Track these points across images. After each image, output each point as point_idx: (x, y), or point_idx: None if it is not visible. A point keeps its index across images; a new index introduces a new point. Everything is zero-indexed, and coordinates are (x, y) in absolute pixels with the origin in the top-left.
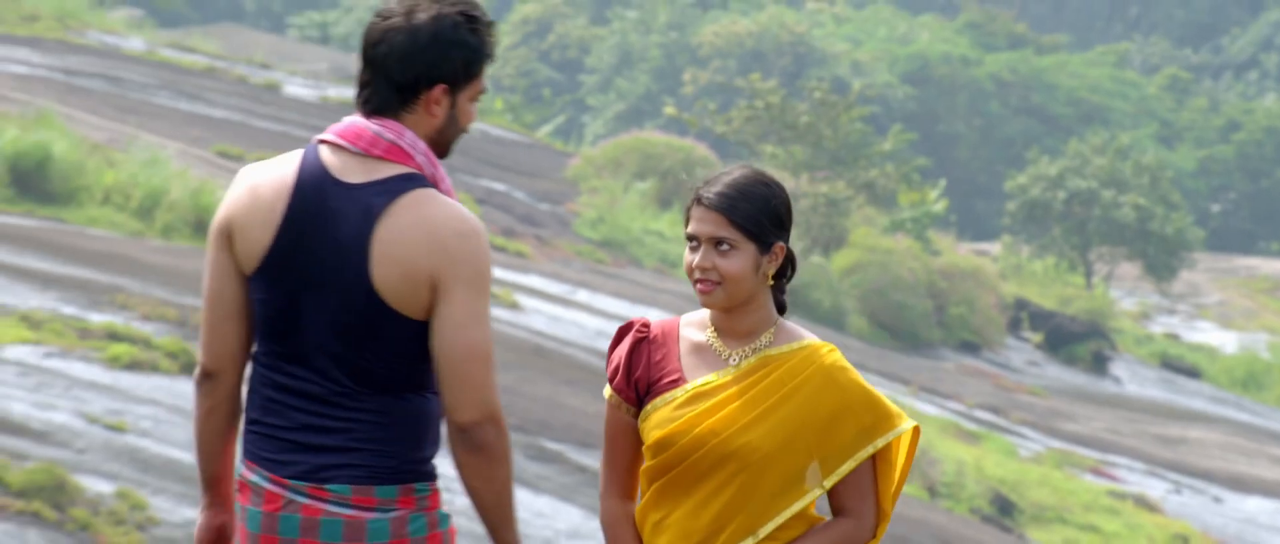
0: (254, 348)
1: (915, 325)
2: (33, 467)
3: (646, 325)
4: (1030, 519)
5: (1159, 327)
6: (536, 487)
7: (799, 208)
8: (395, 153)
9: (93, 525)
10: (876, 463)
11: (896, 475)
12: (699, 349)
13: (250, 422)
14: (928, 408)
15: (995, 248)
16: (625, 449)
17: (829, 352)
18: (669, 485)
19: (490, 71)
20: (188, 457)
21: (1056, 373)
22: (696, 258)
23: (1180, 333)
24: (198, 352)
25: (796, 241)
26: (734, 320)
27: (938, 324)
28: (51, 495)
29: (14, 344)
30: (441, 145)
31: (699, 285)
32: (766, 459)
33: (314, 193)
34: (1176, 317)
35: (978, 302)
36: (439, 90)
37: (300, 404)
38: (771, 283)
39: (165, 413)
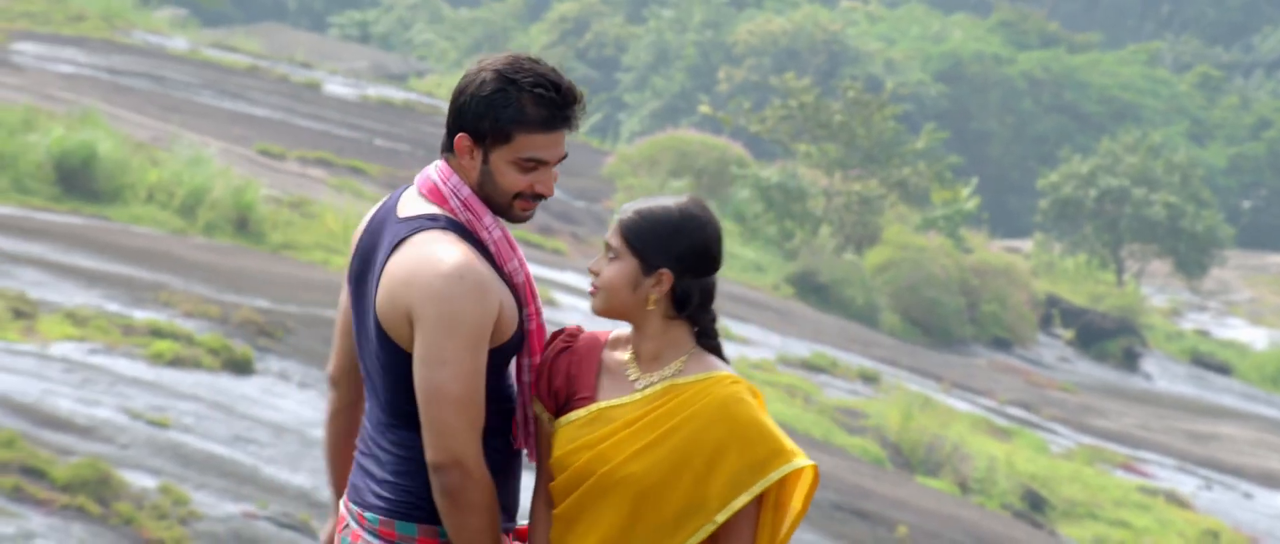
0: None
1: (947, 322)
2: (77, 462)
3: (574, 335)
4: (1061, 515)
5: (1190, 323)
6: None
7: (832, 206)
8: (434, 194)
9: (136, 520)
10: (763, 502)
11: (788, 517)
12: (615, 369)
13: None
14: (960, 404)
15: (1027, 245)
16: (547, 456)
17: (730, 383)
18: (566, 511)
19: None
20: (228, 452)
21: (1088, 369)
22: None
23: (1211, 329)
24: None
25: (830, 239)
26: (639, 342)
27: (970, 321)
28: (96, 490)
29: (59, 341)
30: (491, 202)
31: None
32: (652, 490)
33: (377, 225)
34: (1207, 313)
35: (1009, 298)
36: (461, 138)
37: (364, 430)
38: (654, 308)
39: (207, 409)
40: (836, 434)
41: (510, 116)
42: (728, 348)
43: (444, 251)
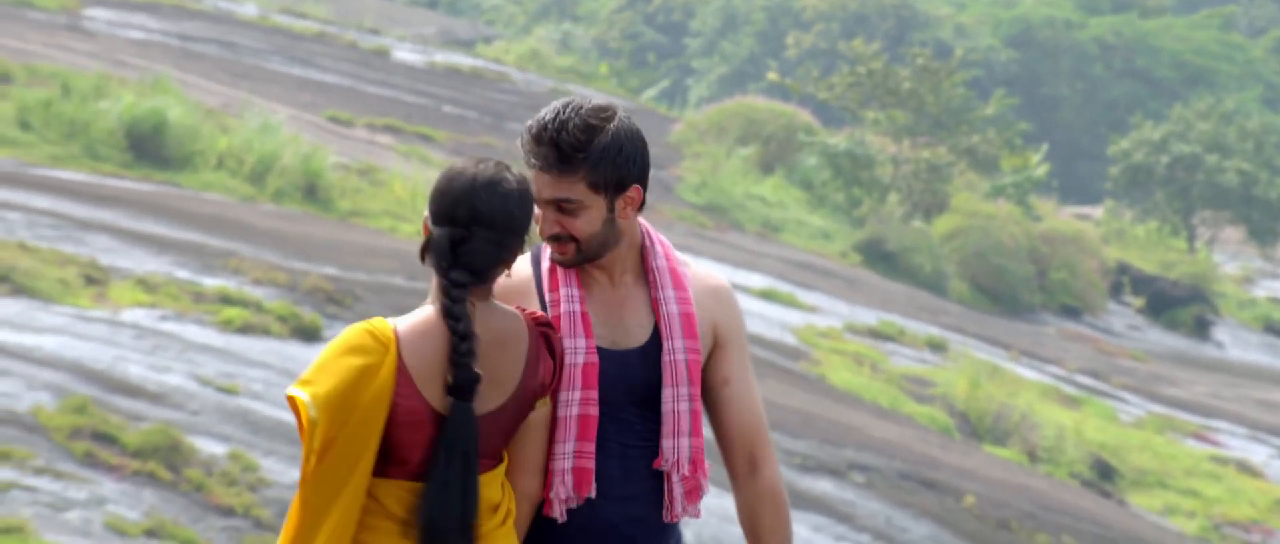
0: None
1: (1016, 290)
2: (148, 428)
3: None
4: (1131, 484)
5: (1262, 291)
6: None
7: (901, 173)
8: None
9: (206, 486)
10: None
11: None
12: None
13: None
14: (1028, 372)
15: (1097, 212)
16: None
17: None
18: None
19: (592, 43)
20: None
21: (1158, 337)
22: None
23: None
24: None
25: (898, 207)
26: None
27: (1039, 289)
28: (166, 456)
29: (131, 307)
30: None
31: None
32: None
33: None
34: None
35: (1079, 266)
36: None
37: None
38: None
39: (276, 376)
40: (904, 403)
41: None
42: (795, 315)
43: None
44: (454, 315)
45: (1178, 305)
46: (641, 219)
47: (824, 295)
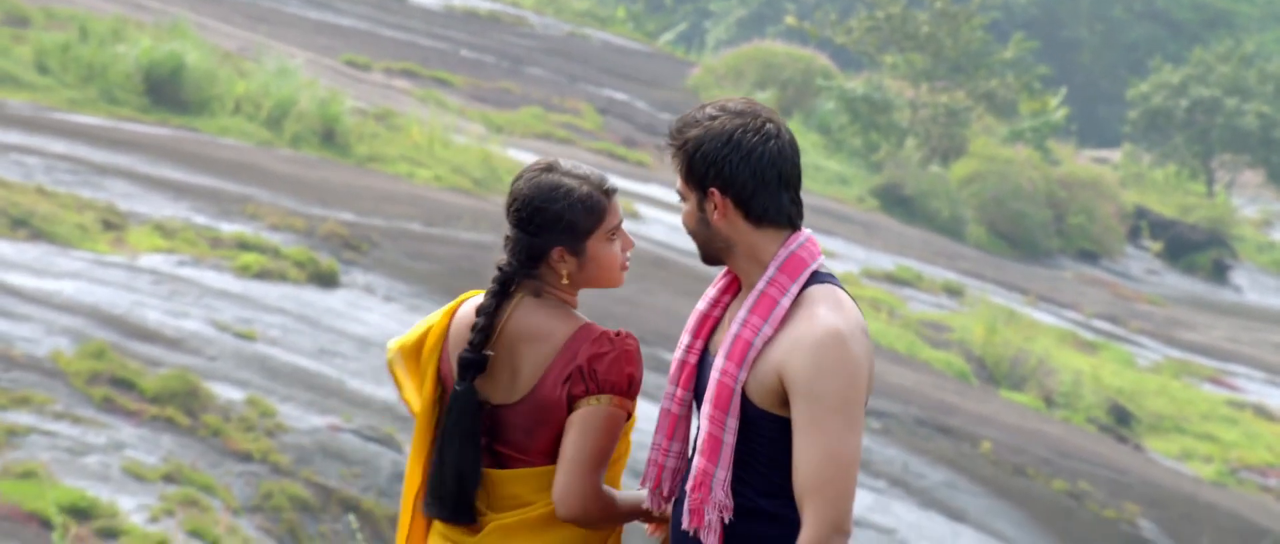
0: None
1: (1034, 235)
2: (166, 373)
3: None
4: (1147, 429)
5: None
6: (656, 397)
7: (918, 118)
8: None
9: (224, 431)
10: None
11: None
12: None
13: None
14: (1045, 317)
15: (1116, 156)
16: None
17: None
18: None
19: None
20: (314, 365)
21: (1176, 282)
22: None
23: None
24: (845, 531)
25: (915, 152)
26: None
27: (1056, 233)
28: (184, 401)
29: (149, 252)
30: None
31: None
32: None
33: None
34: None
35: (1097, 211)
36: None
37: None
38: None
39: (293, 322)
40: (921, 348)
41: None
42: None
43: None
44: (483, 301)
45: (1196, 249)
46: (800, 245)
47: (841, 240)
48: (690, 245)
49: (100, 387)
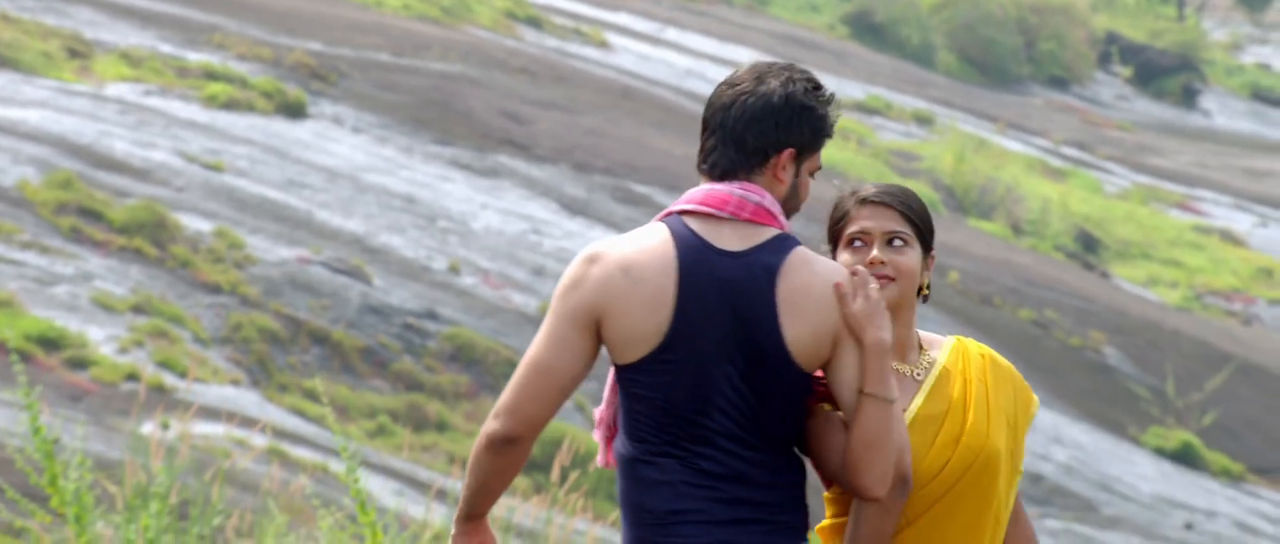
0: (635, 440)
1: (1004, 61)
2: (134, 204)
3: None
4: (1114, 255)
5: (1250, 57)
6: (625, 229)
7: None
8: (762, 215)
9: (192, 263)
10: None
11: None
12: None
13: (672, 513)
14: (1014, 145)
15: None
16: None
17: (961, 338)
18: (943, 509)
19: None
20: (282, 196)
21: (1145, 107)
22: (868, 254)
23: (1272, 62)
24: (501, 415)
25: None
26: (899, 332)
27: (1027, 60)
28: (152, 232)
29: (115, 81)
30: (787, 215)
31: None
32: (1009, 457)
33: (703, 266)
34: (1269, 46)
35: (1068, 36)
36: (787, 155)
37: (726, 487)
38: (924, 293)
39: (261, 153)
40: (889, 177)
41: (831, 123)
42: None
43: (838, 269)
44: None
45: (1166, 74)
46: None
47: (811, 69)
48: (657, 76)
49: (68, 216)
